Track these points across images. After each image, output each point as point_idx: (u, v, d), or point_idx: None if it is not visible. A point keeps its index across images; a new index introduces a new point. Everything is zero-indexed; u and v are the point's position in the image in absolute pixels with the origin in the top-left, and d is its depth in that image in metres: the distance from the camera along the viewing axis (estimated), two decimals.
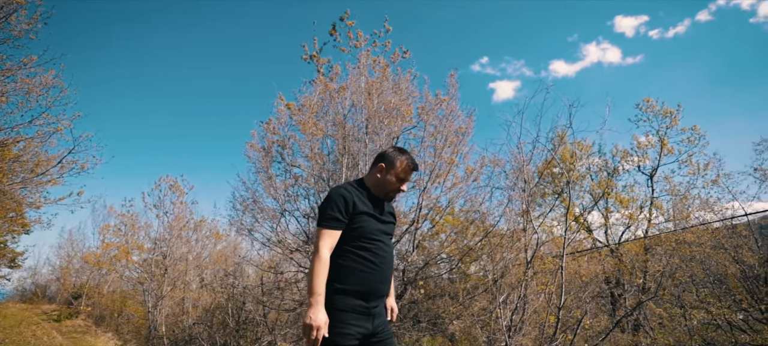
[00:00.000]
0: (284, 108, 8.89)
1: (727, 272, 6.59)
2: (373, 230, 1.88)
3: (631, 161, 9.88)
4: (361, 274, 1.82)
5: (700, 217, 7.76)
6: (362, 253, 1.84)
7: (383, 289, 1.91)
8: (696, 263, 7.02)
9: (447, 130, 7.99)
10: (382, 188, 1.99)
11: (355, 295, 1.80)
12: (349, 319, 1.76)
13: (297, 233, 8.07)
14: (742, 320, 6.47)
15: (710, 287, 6.81)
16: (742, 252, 6.70)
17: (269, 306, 7.92)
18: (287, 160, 8.66)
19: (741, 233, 6.90)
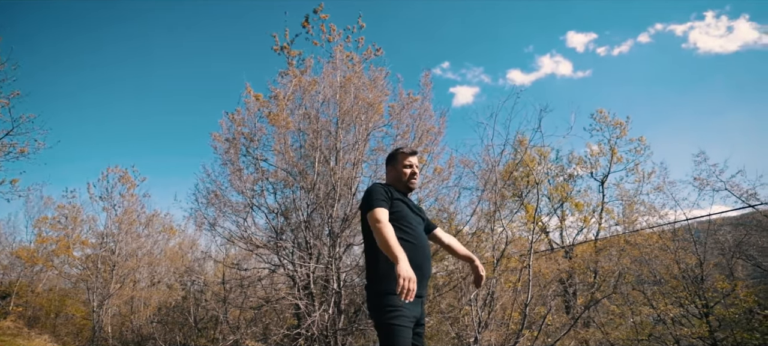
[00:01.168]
0: (253, 99, 8.62)
1: (670, 272, 7.19)
2: (408, 215, 2.05)
3: (585, 168, 10.58)
4: (408, 252, 1.85)
5: (647, 221, 8.47)
6: (405, 236, 1.95)
7: (427, 268, 2.01)
8: (643, 263, 7.60)
9: (420, 130, 8.09)
10: (399, 179, 2.20)
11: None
12: (400, 302, 1.82)
13: (264, 228, 7.85)
14: (682, 316, 7.09)
15: (656, 285, 7.41)
16: (683, 254, 7.33)
17: (232, 304, 7.62)
18: (253, 153, 8.41)
19: (682, 236, 7.55)
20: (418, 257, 1.95)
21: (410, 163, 2.21)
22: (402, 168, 2.20)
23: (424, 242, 2.06)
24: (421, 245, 2.02)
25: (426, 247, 2.07)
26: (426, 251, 2.05)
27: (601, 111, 10.63)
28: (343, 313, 7.23)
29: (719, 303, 6.62)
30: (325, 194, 7.76)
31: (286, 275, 7.58)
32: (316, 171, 7.83)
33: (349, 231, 7.66)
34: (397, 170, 2.22)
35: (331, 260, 7.16)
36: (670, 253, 7.30)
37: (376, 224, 1.86)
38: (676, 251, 7.26)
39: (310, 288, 6.95)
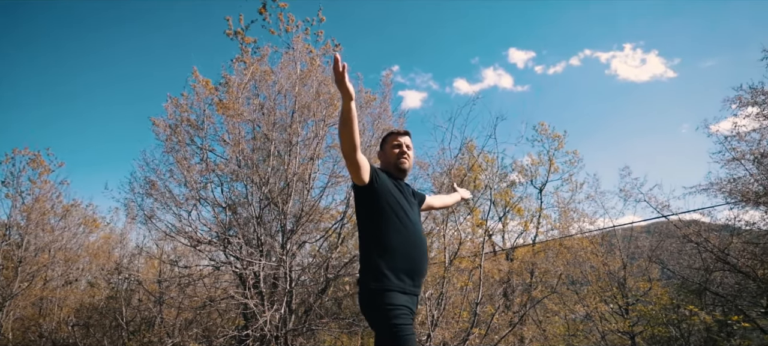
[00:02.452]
0: (201, 85, 8.07)
1: (598, 273, 7.93)
2: (402, 202, 1.87)
3: (526, 176, 11.34)
4: (400, 243, 1.77)
5: (579, 227, 9.28)
6: (397, 226, 1.80)
7: (422, 263, 1.83)
8: (576, 265, 8.30)
9: (379, 129, 8.10)
10: (390, 162, 2.03)
11: (400, 270, 1.73)
12: (401, 301, 1.66)
13: (211, 223, 7.35)
14: (608, 312, 7.85)
15: (586, 285, 8.13)
16: (609, 257, 8.11)
17: (170, 304, 7.04)
18: (197, 143, 7.88)
19: (609, 241, 8.36)
20: (411, 250, 1.79)
21: (399, 142, 2.04)
22: (390, 149, 2.04)
23: (419, 234, 1.88)
24: (416, 237, 1.84)
25: (422, 240, 1.88)
26: (422, 245, 1.86)
27: (542, 124, 11.48)
28: (293, 313, 7.01)
29: (639, 301, 7.42)
30: (279, 189, 7.49)
31: (233, 273, 7.17)
32: (269, 165, 7.52)
33: (303, 228, 7.45)
34: (386, 153, 2.06)
35: (283, 258, 6.91)
36: (599, 256, 8.04)
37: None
38: (604, 254, 8.02)
39: (260, 287, 6.65)
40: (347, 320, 7.23)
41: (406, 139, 2.06)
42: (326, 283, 7.38)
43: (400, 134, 2.07)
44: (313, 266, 7.60)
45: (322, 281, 7.41)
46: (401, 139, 2.05)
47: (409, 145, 2.06)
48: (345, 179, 7.88)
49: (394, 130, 2.11)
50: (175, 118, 7.78)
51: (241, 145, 7.43)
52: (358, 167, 1.73)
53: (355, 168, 1.73)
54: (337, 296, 7.47)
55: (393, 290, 1.67)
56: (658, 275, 8.91)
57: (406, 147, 2.04)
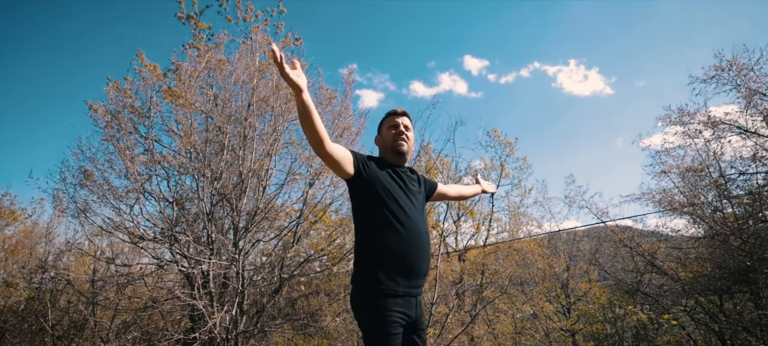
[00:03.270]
0: (147, 69, 7.51)
1: (544, 274, 8.38)
2: (395, 192, 1.71)
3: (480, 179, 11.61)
4: (393, 242, 1.62)
5: (528, 230, 9.78)
6: (388, 221, 1.65)
7: (420, 261, 1.66)
8: (524, 267, 8.71)
9: (339, 127, 7.98)
10: (386, 146, 1.88)
11: (393, 270, 1.60)
12: (389, 305, 1.55)
13: (156, 218, 6.83)
14: (553, 312, 8.32)
15: (533, 285, 8.56)
16: (555, 260, 8.59)
17: (105, 306, 6.45)
18: (142, 132, 7.33)
19: (554, 244, 8.86)
20: (406, 247, 1.62)
21: (396, 122, 1.87)
22: (387, 130, 1.87)
23: (417, 229, 1.68)
24: (413, 232, 1.66)
25: (420, 235, 1.68)
26: (420, 240, 1.67)
27: (495, 130, 11.93)
28: (244, 314, 6.71)
29: (579, 300, 7.94)
30: (233, 185, 7.14)
31: (180, 272, 6.73)
32: (223, 159, 7.15)
33: (257, 227, 7.17)
34: (383, 136, 1.90)
35: (236, 257, 6.60)
36: (545, 258, 8.50)
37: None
38: (549, 256, 8.49)
39: (209, 287, 6.29)
40: (301, 321, 7.05)
41: (404, 120, 1.89)
42: (280, 283, 7.14)
43: (398, 115, 1.90)
44: (267, 266, 7.33)
45: (275, 281, 7.17)
46: (398, 120, 1.88)
47: (408, 126, 1.90)
48: (303, 177, 7.69)
49: (391, 111, 1.93)
50: (116, 104, 7.16)
51: (192, 137, 6.99)
52: (332, 160, 1.60)
53: (331, 161, 1.60)
54: (291, 296, 7.26)
55: (383, 293, 1.56)
56: (596, 277, 9.62)
57: (405, 128, 1.87)
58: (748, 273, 6.00)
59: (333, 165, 1.63)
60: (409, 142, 1.87)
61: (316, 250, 8.29)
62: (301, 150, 7.70)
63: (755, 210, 6.82)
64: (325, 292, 7.34)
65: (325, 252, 8.13)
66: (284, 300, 7.25)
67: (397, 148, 1.84)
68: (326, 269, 8.29)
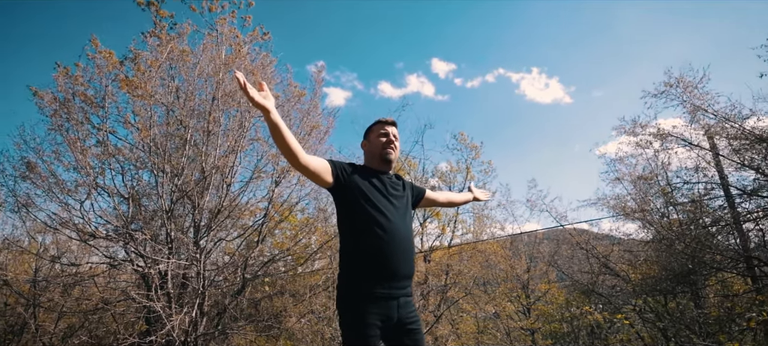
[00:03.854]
0: (101, 56, 7.06)
1: (506, 275, 8.64)
2: (374, 197, 1.76)
3: (445, 181, 11.94)
4: (370, 244, 1.67)
5: (491, 232, 10.04)
6: (366, 223, 1.70)
7: (400, 262, 1.70)
8: (487, 268, 8.94)
9: (308, 125, 7.85)
10: (374, 153, 1.93)
11: (372, 273, 1.65)
12: (366, 306, 1.61)
13: (110, 215, 6.42)
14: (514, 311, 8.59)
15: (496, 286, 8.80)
16: (516, 261, 8.88)
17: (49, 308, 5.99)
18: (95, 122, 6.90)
19: (516, 246, 9.16)
20: (386, 250, 1.66)
21: (386, 131, 1.92)
22: (376, 138, 1.93)
23: (396, 231, 1.72)
24: (393, 235, 1.70)
25: (400, 238, 1.73)
26: (400, 242, 1.71)
27: (462, 134, 12.17)
28: (205, 315, 6.45)
29: (539, 301, 8.25)
30: (195, 181, 6.86)
31: (135, 272, 6.36)
32: (184, 155, 6.84)
33: (220, 225, 6.92)
34: (371, 142, 1.95)
35: (196, 256, 6.33)
36: (507, 259, 8.77)
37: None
38: (511, 258, 8.76)
39: (167, 288, 6.00)
40: (265, 323, 6.87)
41: (393, 130, 1.95)
42: (243, 283, 6.92)
43: (388, 123, 1.95)
44: (230, 266, 7.09)
45: (238, 282, 6.94)
46: (388, 129, 1.93)
47: (396, 135, 1.95)
48: (269, 175, 7.51)
49: (380, 119, 1.98)
50: (66, 91, 6.68)
51: (151, 131, 6.64)
52: (309, 172, 1.64)
53: (308, 173, 1.65)
54: (254, 297, 7.05)
55: (361, 294, 1.63)
56: (555, 278, 10.04)
57: (394, 137, 1.92)
58: (689, 275, 6.49)
59: (311, 176, 1.67)
60: (396, 151, 1.94)
61: (282, 250, 8.11)
62: (267, 147, 7.51)
63: (696, 216, 7.37)
64: (290, 292, 7.19)
65: (291, 252, 7.98)
66: (247, 301, 7.04)
67: (385, 155, 1.90)
68: (291, 270, 8.13)
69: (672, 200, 7.61)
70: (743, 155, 6.27)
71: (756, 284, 6.65)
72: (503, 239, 9.40)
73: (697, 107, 6.30)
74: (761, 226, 6.49)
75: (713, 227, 6.73)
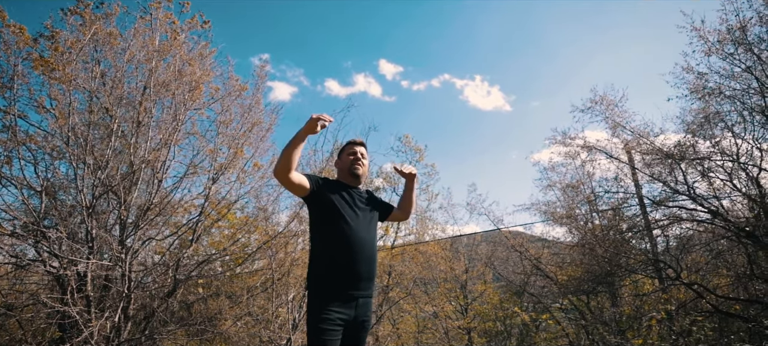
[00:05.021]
0: (11, 32, 6.33)
1: (446, 276, 8.92)
2: (342, 207, 2.00)
3: (390, 183, 12.06)
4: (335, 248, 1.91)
5: (432, 234, 10.30)
6: (334, 230, 1.94)
7: (361, 265, 1.92)
8: (428, 268, 9.18)
9: (248, 122, 7.56)
10: (343, 169, 2.23)
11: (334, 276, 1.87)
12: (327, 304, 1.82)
13: (17, 210, 5.75)
14: (452, 311, 8.89)
15: (436, 286, 9.05)
16: (455, 262, 9.20)
17: None
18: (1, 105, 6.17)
19: (456, 248, 9.48)
20: (347, 253, 1.90)
21: (355, 150, 2.23)
22: (346, 156, 2.23)
23: (359, 237, 1.96)
24: (355, 241, 1.93)
25: (364, 243, 1.96)
26: (362, 249, 1.94)
27: (407, 136, 12.34)
28: (130, 320, 5.99)
29: (476, 301, 8.60)
30: (121, 175, 6.35)
31: (48, 273, 5.76)
32: (110, 146, 6.30)
33: (149, 223, 6.46)
34: (342, 160, 2.26)
35: (121, 256, 5.86)
36: (447, 261, 9.06)
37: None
38: (450, 259, 9.06)
39: (86, 291, 5.50)
40: (198, 326, 6.51)
41: (361, 149, 2.25)
42: (175, 285, 6.52)
43: (357, 144, 2.27)
44: (160, 266, 6.64)
45: (169, 283, 6.53)
46: (356, 148, 2.24)
47: (365, 153, 2.25)
48: (206, 171, 7.14)
49: (351, 140, 2.29)
50: None
51: (71, 118, 6.04)
52: (293, 184, 1.92)
53: (291, 185, 1.92)
54: (186, 299, 6.67)
55: (324, 297, 1.83)
56: (492, 279, 10.52)
57: (361, 155, 2.22)
58: (607, 276, 7.11)
59: (293, 188, 1.94)
60: (363, 167, 2.22)
61: (218, 249, 7.75)
62: (204, 142, 7.14)
63: (615, 223, 8.09)
64: (226, 294, 6.90)
65: (228, 252, 7.65)
66: (179, 304, 6.65)
67: (353, 171, 2.18)
68: (229, 270, 7.80)
69: (595, 207, 8.28)
70: (653, 169, 6.99)
71: (662, 284, 7.44)
72: (444, 240, 9.69)
73: (616, 123, 6.92)
74: (666, 233, 7.26)
75: (628, 233, 7.42)
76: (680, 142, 6.69)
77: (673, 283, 6.63)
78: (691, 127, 6.88)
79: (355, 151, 2.22)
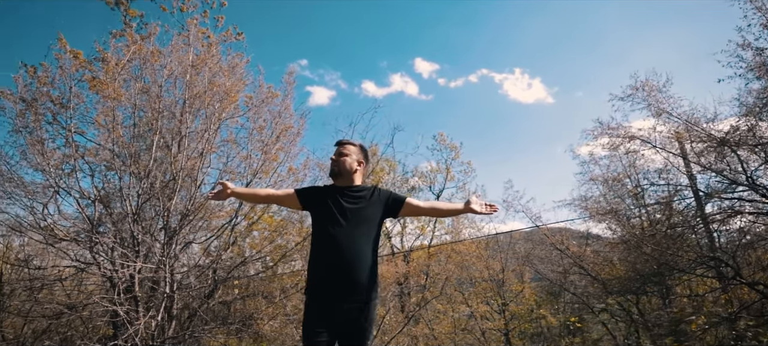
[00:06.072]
0: (69, 56, 6.97)
1: (482, 276, 8.69)
2: (327, 212, 2.04)
3: (426, 181, 12.00)
4: (314, 251, 2.00)
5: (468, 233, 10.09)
6: (316, 235, 2.03)
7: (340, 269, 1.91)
8: (464, 268, 8.99)
9: (279, 127, 7.80)
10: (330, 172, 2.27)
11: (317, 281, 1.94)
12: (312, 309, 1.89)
13: (74, 217, 6.36)
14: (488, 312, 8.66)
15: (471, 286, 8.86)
16: (491, 261, 8.94)
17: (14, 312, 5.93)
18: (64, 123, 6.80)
19: (492, 246, 9.21)
20: (326, 256, 1.93)
21: (336, 151, 2.24)
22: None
23: (340, 240, 1.93)
24: (336, 242, 1.92)
25: (345, 246, 1.92)
26: (342, 251, 1.91)
27: (441, 134, 12.20)
28: (174, 319, 6.41)
29: (513, 301, 8.32)
30: (163, 183, 6.79)
31: (102, 276, 6.31)
32: (152, 156, 6.77)
33: (189, 227, 6.87)
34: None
35: (164, 259, 6.28)
36: (483, 260, 8.82)
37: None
38: (486, 258, 8.82)
39: (135, 291, 5.95)
40: (236, 325, 6.84)
41: (338, 149, 2.25)
42: (215, 285, 6.89)
43: (335, 145, 2.29)
44: (202, 267, 7.04)
45: (210, 284, 6.91)
46: (335, 150, 2.27)
47: (342, 152, 2.21)
48: (241, 176, 7.47)
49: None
50: (30, 92, 6.59)
51: (118, 132, 6.56)
52: (285, 204, 2.17)
53: (285, 205, 2.18)
54: (225, 299, 7.02)
55: (308, 303, 1.92)
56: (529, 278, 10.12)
57: (337, 155, 2.21)
58: (654, 276, 6.56)
59: (288, 205, 2.21)
60: (339, 164, 2.18)
61: (257, 251, 8.08)
62: (237, 149, 7.47)
63: (666, 217, 7.46)
64: (262, 294, 7.18)
65: (266, 253, 7.95)
66: (219, 304, 7.01)
67: (330, 174, 2.23)
68: (268, 270, 8.10)
69: (642, 201, 7.69)
70: (707, 158, 6.36)
71: (720, 283, 6.76)
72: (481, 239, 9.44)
73: (661, 110, 6.37)
74: (723, 227, 6.59)
75: (679, 228, 6.81)
76: (736, 127, 6.03)
77: (732, 282, 6.01)
78: (753, 109, 6.15)
79: (334, 154, 2.24)
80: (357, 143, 2.29)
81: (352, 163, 2.18)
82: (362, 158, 2.25)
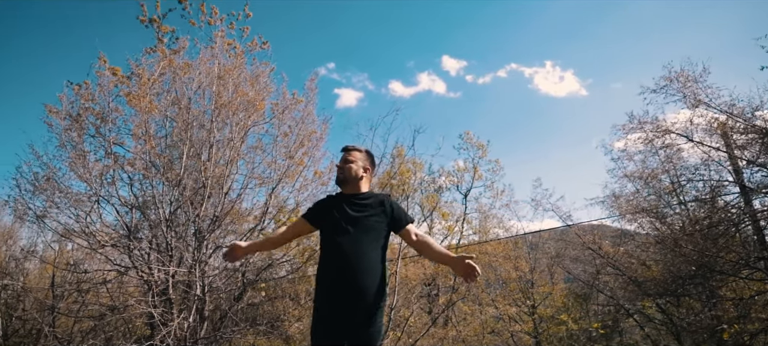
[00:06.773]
0: (108, 73, 7.42)
1: (510, 276, 8.50)
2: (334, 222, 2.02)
3: (453, 181, 11.86)
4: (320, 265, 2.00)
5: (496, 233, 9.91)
6: (322, 247, 2.03)
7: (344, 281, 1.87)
8: (491, 269, 8.83)
9: (302, 133, 7.95)
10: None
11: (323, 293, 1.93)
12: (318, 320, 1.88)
13: (114, 224, 6.78)
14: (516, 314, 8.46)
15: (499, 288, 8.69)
16: (520, 262, 8.72)
17: (64, 313, 6.40)
18: (105, 136, 7.25)
19: (520, 246, 8.99)
20: (333, 263, 1.92)
21: (342, 158, 2.24)
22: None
23: (345, 251, 1.90)
24: (342, 249, 1.90)
25: (351, 253, 1.89)
26: (349, 258, 1.88)
27: (468, 133, 12.02)
28: (206, 320, 6.71)
29: (541, 304, 8.08)
30: (194, 190, 7.11)
31: (140, 279, 6.69)
32: (183, 164, 7.10)
33: (219, 232, 7.15)
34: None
35: (196, 263, 6.58)
36: (511, 260, 8.62)
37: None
38: (515, 259, 8.61)
39: (169, 293, 6.28)
40: (263, 327, 7.06)
41: (342, 156, 2.24)
42: (243, 288, 7.14)
43: (342, 152, 2.28)
44: (231, 270, 7.32)
45: (238, 286, 7.17)
46: (340, 157, 2.26)
47: (348, 159, 2.20)
48: (266, 181, 7.69)
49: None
50: (75, 108, 7.09)
51: (152, 142, 6.94)
52: (301, 235, 2.25)
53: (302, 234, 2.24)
54: (253, 301, 7.26)
55: (318, 307, 1.91)
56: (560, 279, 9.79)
57: (343, 161, 2.20)
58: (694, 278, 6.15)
59: (303, 233, 2.25)
60: (344, 172, 2.17)
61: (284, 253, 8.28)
62: (263, 155, 7.69)
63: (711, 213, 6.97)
64: (289, 296, 7.37)
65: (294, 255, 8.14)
66: (248, 305, 7.26)
67: (337, 181, 2.20)
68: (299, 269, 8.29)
69: (681, 198, 7.24)
70: (751, 150, 5.90)
71: None
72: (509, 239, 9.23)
73: (699, 101, 5.97)
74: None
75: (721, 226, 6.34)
76: None
77: None
78: None
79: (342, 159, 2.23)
80: (363, 149, 2.27)
81: (357, 170, 2.16)
82: (368, 164, 2.22)
